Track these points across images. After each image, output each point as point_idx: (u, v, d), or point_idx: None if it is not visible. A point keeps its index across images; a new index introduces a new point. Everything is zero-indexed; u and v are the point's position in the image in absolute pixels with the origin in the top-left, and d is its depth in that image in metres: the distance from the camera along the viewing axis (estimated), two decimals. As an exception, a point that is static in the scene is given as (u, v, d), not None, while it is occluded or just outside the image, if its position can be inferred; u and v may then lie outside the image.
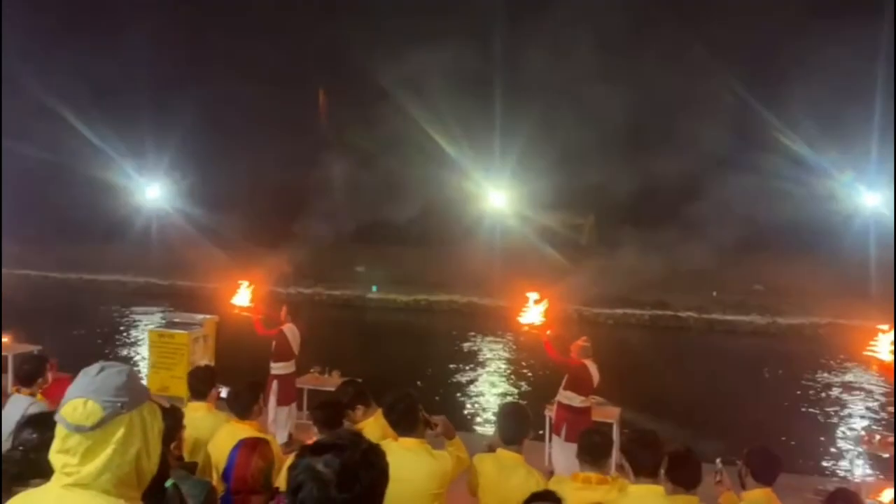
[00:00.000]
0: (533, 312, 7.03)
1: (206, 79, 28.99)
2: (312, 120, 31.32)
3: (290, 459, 1.69)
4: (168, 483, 2.09)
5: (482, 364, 15.76)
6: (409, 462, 3.25)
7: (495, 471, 3.61)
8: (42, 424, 2.54)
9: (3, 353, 9.76)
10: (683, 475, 3.25)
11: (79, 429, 1.58)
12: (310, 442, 1.74)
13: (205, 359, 9.03)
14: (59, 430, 1.61)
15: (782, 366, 15.62)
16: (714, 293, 22.47)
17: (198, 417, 4.40)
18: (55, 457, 1.63)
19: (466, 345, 17.56)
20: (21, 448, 2.45)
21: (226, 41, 29.88)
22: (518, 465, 3.63)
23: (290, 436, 7.96)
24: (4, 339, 10.01)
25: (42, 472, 1.84)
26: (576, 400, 6.87)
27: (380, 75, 26.95)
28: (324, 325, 14.18)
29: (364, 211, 25.82)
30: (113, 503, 1.59)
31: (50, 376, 4.74)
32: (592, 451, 3.43)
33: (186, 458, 3.73)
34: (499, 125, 27.35)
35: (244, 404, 4.42)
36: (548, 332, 7.03)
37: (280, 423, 7.96)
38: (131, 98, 29.56)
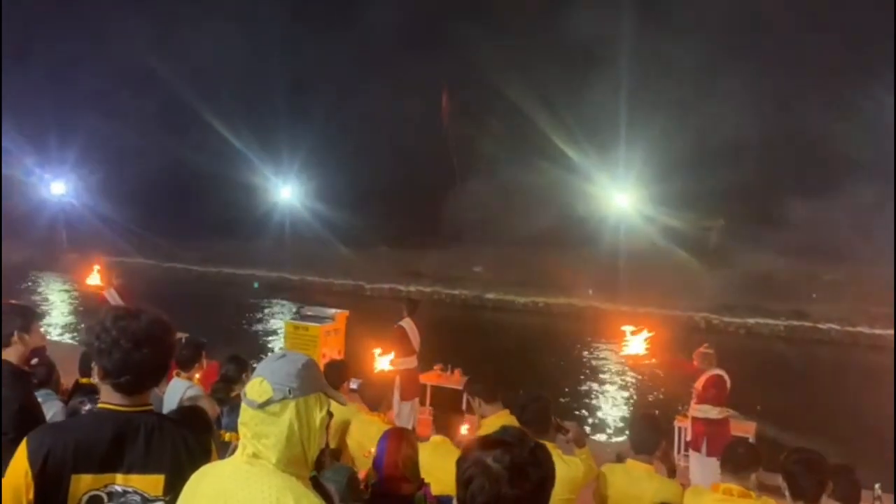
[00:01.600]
0: (634, 343, 6.74)
1: (335, 81, 30.35)
2: (436, 121, 31.86)
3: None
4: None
5: (599, 370, 15.41)
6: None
7: (626, 482, 3.54)
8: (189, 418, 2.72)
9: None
10: (844, 491, 3.10)
11: (250, 404, 1.73)
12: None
13: (335, 351, 9.42)
14: (243, 405, 1.77)
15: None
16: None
17: (332, 407, 4.65)
18: (241, 431, 1.79)
19: (581, 350, 17.25)
20: None
21: (352, 42, 31.08)
22: (650, 476, 3.53)
23: (413, 430, 8.16)
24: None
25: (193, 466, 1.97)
26: (712, 412, 6.57)
27: (503, 79, 27.07)
28: (442, 325, 14.40)
29: (485, 211, 26.03)
30: (285, 479, 1.72)
31: (205, 362, 5.12)
32: (736, 462, 3.30)
33: (331, 445, 3.95)
34: (624, 125, 26.66)
35: (375, 398, 4.63)
36: (652, 360, 6.80)
37: (403, 418, 8.15)
38: (268, 102, 31.34)
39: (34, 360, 3.34)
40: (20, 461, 1.91)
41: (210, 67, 31.31)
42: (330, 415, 3.81)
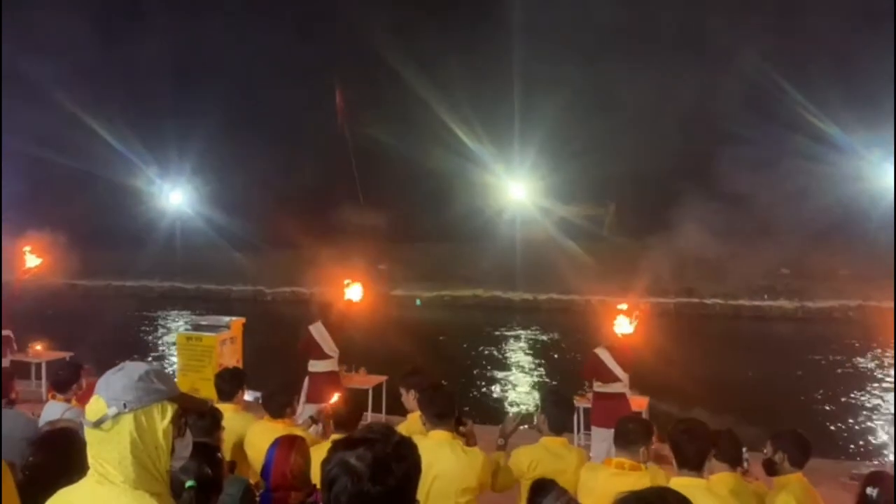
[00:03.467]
0: (624, 323, 7.30)
1: (226, 80, 29.29)
2: (329, 119, 31.40)
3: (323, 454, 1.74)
4: (188, 484, 2.13)
5: (506, 359, 15.73)
6: (441, 455, 3.26)
7: (549, 458, 3.75)
8: (49, 445, 2.57)
9: (37, 361, 9.98)
10: (727, 454, 3.31)
11: (86, 424, 1.69)
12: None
13: (233, 360, 9.11)
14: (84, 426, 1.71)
15: (815, 350, 15.39)
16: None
17: (226, 418, 4.46)
18: (89, 453, 1.71)
19: (494, 338, 17.56)
20: (27, 472, 2.49)
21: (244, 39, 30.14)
22: (568, 448, 3.89)
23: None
24: (38, 347, 10.23)
25: (50, 492, 1.87)
26: (600, 387, 6.94)
27: (398, 69, 27.03)
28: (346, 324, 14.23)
29: (386, 207, 25.90)
30: (138, 497, 1.66)
31: (84, 382, 4.81)
32: (627, 436, 3.44)
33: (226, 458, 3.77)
34: (517, 116, 27.27)
35: (279, 404, 4.49)
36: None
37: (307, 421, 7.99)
38: (153, 103, 29.85)
39: None
40: None
41: (93, 65, 29.48)
42: (221, 427, 3.67)
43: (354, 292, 8.74)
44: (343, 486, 1.51)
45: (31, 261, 9.58)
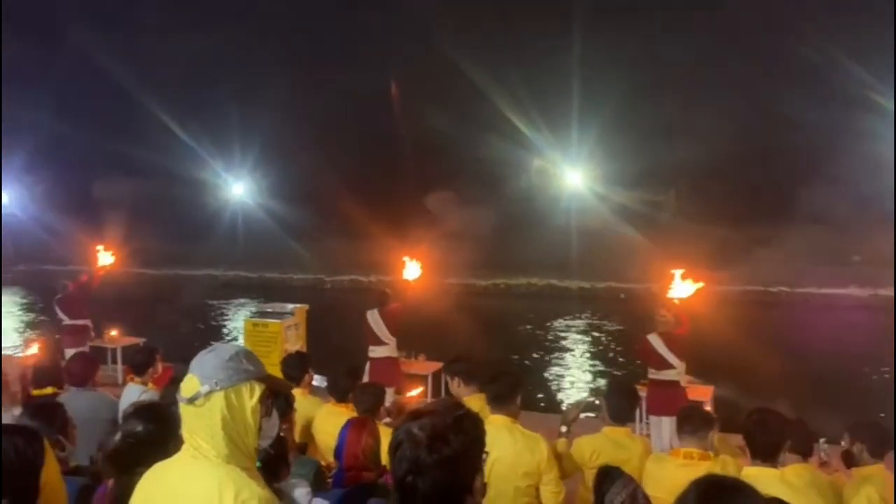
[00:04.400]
0: (682, 287, 7.09)
1: (286, 74, 29.80)
2: (387, 108, 31.59)
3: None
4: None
5: (563, 348, 15.62)
6: (500, 439, 3.28)
7: (610, 447, 3.72)
8: (146, 416, 2.72)
9: (113, 346, 10.48)
10: (799, 445, 3.24)
11: (181, 400, 1.78)
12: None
13: (297, 346, 9.34)
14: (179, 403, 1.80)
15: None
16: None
17: (296, 402, 4.60)
18: (183, 430, 1.81)
19: (550, 327, 17.46)
20: (129, 440, 2.63)
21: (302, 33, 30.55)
22: (631, 438, 3.88)
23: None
24: (113, 333, 10.73)
25: (146, 461, 2.01)
26: (654, 374, 6.86)
27: (455, 56, 26.95)
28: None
29: (441, 195, 25.99)
30: (229, 471, 1.74)
31: (160, 366, 5.04)
32: (692, 424, 3.39)
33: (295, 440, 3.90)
34: (575, 102, 26.84)
35: (343, 389, 4.61)
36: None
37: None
38: (218, 96, 30.59)
39: None
40: None
41: (158, 64, 30.45)
42: (293, 409, 3.78)
43: (411, 271, 8.75)
44: (404, 452, 1.58)
45: (105, 259, 9.95)
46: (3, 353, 9.38)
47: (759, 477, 2.96)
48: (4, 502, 1.98)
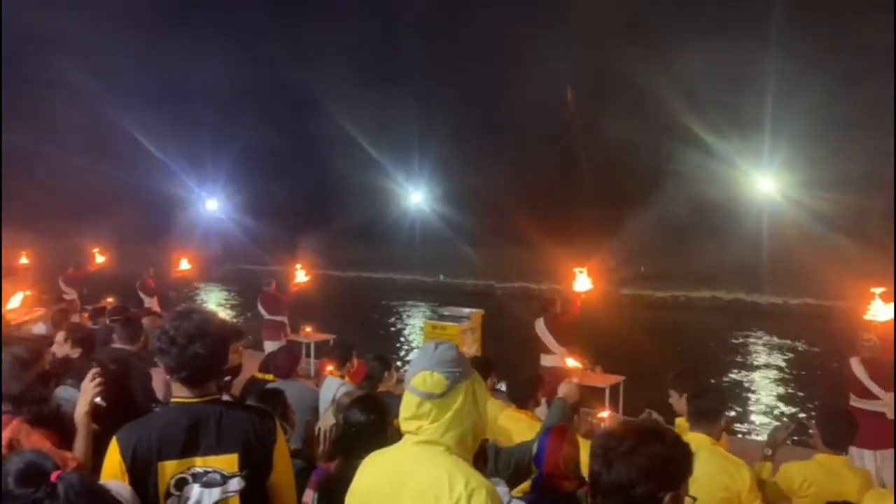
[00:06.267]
0: (883, 310, 6.39)
1: (459, 85, 30.65)
2: (561, 115, 31.38)
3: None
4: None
5: (753, 367, 14.47)
6: (699, 459, 3.08)
7: (825, 477, 3.39)
8: (366, 407, 2.90)
9: (307, 341, 11.36)
10: None
11: (429, 396, 1.82)
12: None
13: (472, 349, 9.54)
14: (410, 398, 1.86)
15: None
16: None
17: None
18: (406, 423, 1.88)
19: (737, 344, 16.29)
20: (351, 429, 2.82)
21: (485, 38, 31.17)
22: (851, 468, 3.51)
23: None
24: (307, 330, 11.63)
25: (366, 448, 2.16)
26: (856, 402, 6.09)
27: (630, 64, 26.19)
28: (579, 322, 14.11)
29: (616, 203, 25.29)
30: (454, 461, 1.82)
31: (355, 361, 5.39)
32: None
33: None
34: (770, 105, 24.89)
35: (524, 395, 4.62)
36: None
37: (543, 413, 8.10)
38: (399, 111, 32.19)
39: (227, 378, 3.62)
40: (113, 455, 2.14)
41: (341, 74, 32.65)
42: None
43: (582, 283, 8.56)
44: (615, 476, 1.59)
45: (300, 276, 10.78)
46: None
47: None
48: (244, 474, 2.17)
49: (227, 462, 2.16)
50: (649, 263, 23.90)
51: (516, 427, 4.46)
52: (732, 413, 10.80)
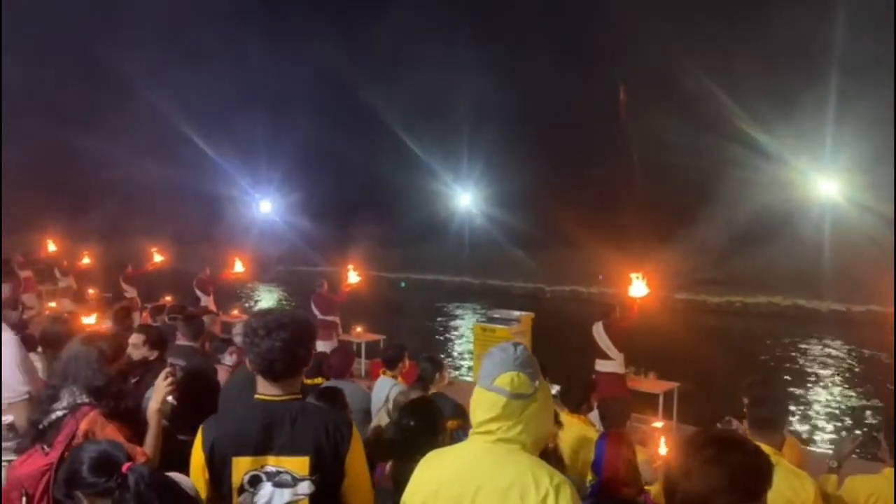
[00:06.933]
0: None
1: (509, 88, 30.51)
2: (612, 115, 30.94)
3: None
4: None
5: (814, 376, 13.99)
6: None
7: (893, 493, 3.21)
8: (418, 410, 2.93)
9: (358, 341, 11.50)
10: None
11: (518, 397, 1.85)
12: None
13: (523, 354, 9.47)
14: (495, 399, 1.87)
15: None
16: None
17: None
18: (486, 423, 1.89)
19: (798, 352, 15.79)
20: (405, 433, 2.85)
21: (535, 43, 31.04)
22: None
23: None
24: (358, 330, 11.78)
25: (421, 449, 2.18)
26: None
27: (684, 63, 25.66)
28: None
29: (669, 205, 24.78)
30: (533, 458, 1.86)
31: (407, 362, 5.42)
32: None
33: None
34: (831, 108, 24.01)
35: (578, 399, 4.58)
36: None
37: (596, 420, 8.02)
38: (449, 112, 32.28)
39: None
40: (198, 447, 2.21)
41: (393, 76, 32.91)
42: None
43: (638, 289, 8.43)
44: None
45: (353, 277, 10.91)
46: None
47: None
48: (314, 478, 2.19)
49: (298, 464, 2.18)
50: (705, 268, 23.35)
51: (569, 432, 4.44)
52: (796, 424, 10.49)
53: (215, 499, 2.19)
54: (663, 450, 4.65)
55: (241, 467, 2.17)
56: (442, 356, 14.35)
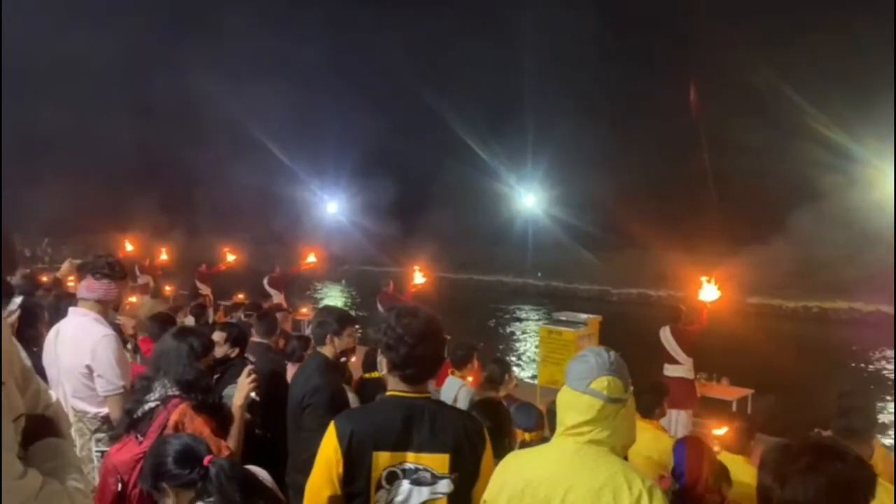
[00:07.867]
0: None
1: (576, 87, 30.19)
2: (681, 116, 30.14)
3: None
4: None
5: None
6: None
7: None
8: (487, 412, 2.93)
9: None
10: None
11: (615, 401, 1.88)
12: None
13: (590, 356, 9.33)
14: (591, 402, 1.89)
15: None
16: None
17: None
18: (580, 426, 1.90)
19: (874, 360, 15.01)
20: None
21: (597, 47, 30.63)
22: None
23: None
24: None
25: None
26: None
27: (754, 62, 24.82)
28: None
29: (740, 207, 23.99)
30: (623, 461, 1.89)
31: (476, 363, 5.39)
32: None
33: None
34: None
35: (650, 404, 4.47)
36: None
37: (671, 426, 7.85)
38: (514, 115, 32.19)
39: (342, 359, 3.82)
40: (330, 440, 2.18)
41: (457, 77, 33.07)
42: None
43: (709, 293, 8.17)
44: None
45: (418, 278, 11.13)
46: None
47: None
48: (454, 477, 2.18)
49: (438, 462, 2.17)
50: (779, 271, 22.46)
51: (641, 437, 4.33)
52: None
53: (344, 495, 2.17)
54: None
55: (381, 462, 2.16)
56: (510, 358, 14.39)
